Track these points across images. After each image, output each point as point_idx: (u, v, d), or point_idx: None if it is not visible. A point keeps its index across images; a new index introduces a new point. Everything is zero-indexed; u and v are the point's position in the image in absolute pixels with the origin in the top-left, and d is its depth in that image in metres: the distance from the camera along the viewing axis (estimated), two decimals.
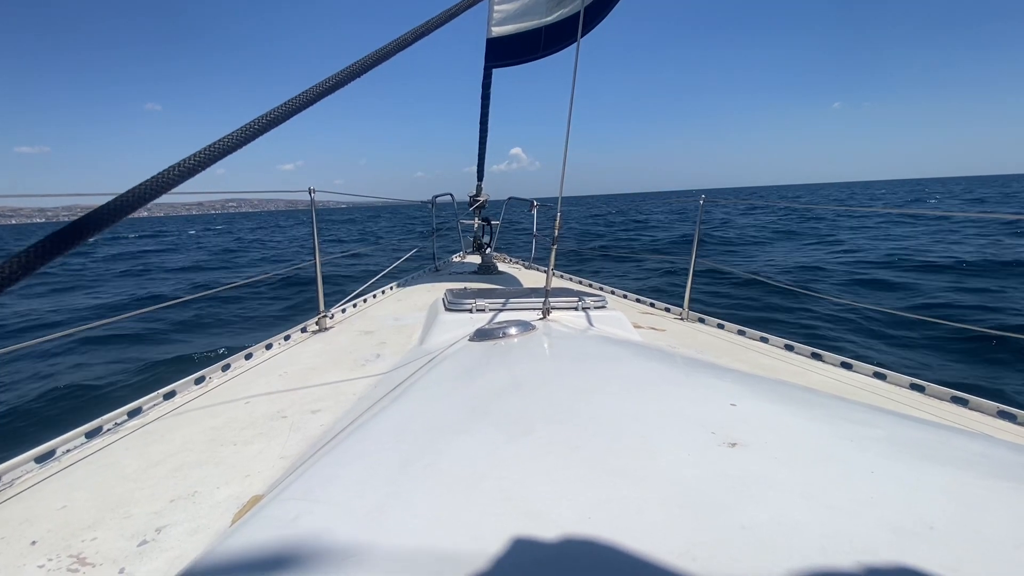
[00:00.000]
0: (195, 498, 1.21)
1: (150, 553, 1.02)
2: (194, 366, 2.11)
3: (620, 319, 2.35)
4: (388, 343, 2.48)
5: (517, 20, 3.94)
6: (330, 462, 1.02)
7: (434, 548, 0.72)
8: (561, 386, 1.34)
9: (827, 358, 2.29)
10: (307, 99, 0.57)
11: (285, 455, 1.40)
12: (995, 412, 1.73)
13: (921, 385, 1.95)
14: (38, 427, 3.75)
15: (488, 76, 4.40)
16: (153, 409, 1.77)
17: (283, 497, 0.90)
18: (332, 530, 0.77)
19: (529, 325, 1.87)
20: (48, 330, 3.81)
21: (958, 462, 0.92)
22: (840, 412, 1.17)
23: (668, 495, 0.81)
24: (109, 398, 4.17)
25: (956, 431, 1.15)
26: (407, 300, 3.53)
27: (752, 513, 0.75)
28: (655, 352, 1.80)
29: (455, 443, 1.03)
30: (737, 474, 0.86)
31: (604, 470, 0.89)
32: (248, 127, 0.50)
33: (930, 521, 0.72)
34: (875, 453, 0.92)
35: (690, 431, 1.01)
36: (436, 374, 1.56)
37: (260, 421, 1.64)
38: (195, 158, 0.45)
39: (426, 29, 0.80)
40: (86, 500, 1.22)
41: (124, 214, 0.40)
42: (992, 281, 7.29)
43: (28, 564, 1.00)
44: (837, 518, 0.74)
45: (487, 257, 4.81)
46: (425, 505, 0.82)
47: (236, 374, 2.13)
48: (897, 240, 12.15)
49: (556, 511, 0.78)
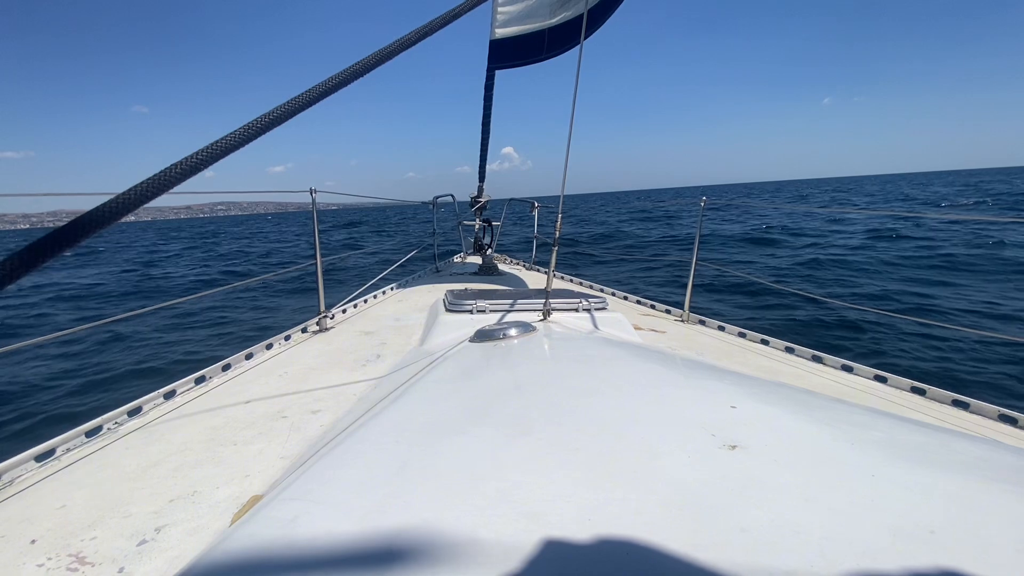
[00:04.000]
0: (195, 498, 1.21)
1: (149, 553, 1.02)
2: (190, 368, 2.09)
3: (620, 320, 2.35)
4: (388, 344, 2.48)
5: (521, 22, 3.94)
6: (330, 462, 1.02)
7: (433, 549, 0.72)
8: (561, 387, 1.33)
9: (828, 360, 2.28)
10: (309, 99, 0.57)
11: (285, 455, 1.40)
12: (996, 416, 1.72)
13: (922, 388, 1.94)
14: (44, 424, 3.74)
15: (491, 78, 4.40)
16: (153, 409, 1.78)
17: (283, 497, 0.89)
18: (331, 530, 0.77)
19: (529, 326, 1.87)
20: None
21: (959, 466, 0.91)
22: (840, 415, 1.16)
23: (668, 497, 0.81)
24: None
25: (957, 434, 1.15)
26: (408, 301, 3.53)
27: (752, 515, 0.75)
28: (655, 354, 1.80)
29: (455, 444, 1.03)
30: (737, 476, 0.85)
31: (604, 472, 0.89)
32: (249, 126, 0.50)
33: (930, 525, 0.72)
34: (875, 456, 0.92)
35: (690, 433, 1.01)
36: (436, 375, 1.56)
37: (260, 421, 1.64)
38: (196, 157, 0.45)
39: (429, 29, 0.80)
40: (86, 499, 1.22)
41: (123, 214, 0.40)
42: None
43: (28, 563, 1.00)
44: (837, 521, 0.73)
45: (488, 258, 4.81)
46: (424, 506, 0.82)
47: (236, 374, 2.13)
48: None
49: (556, 512, 0.78)
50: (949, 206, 24.25)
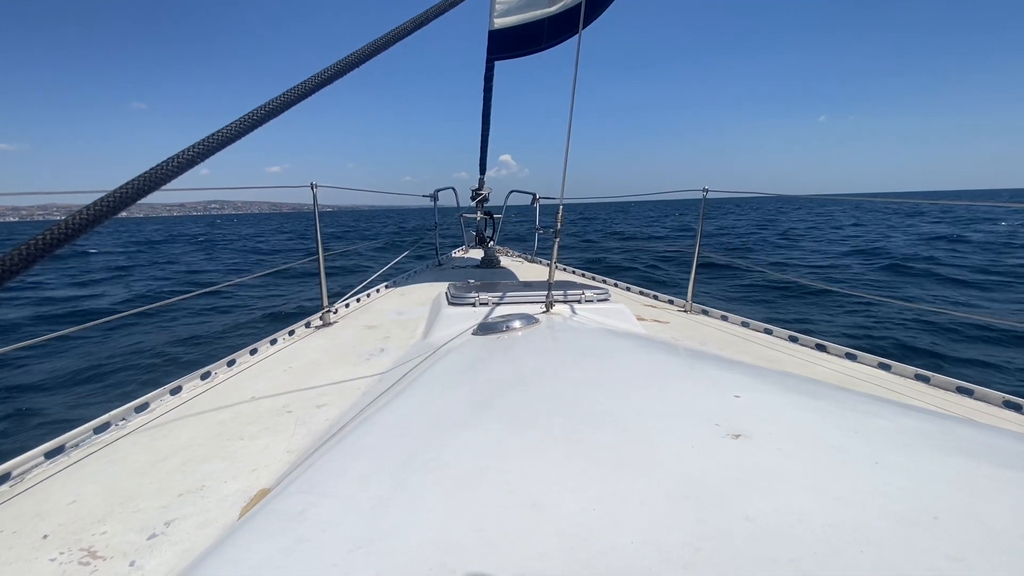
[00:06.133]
0: (203, 492, 1.22)
1: (159, 546, 1.04)
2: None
3: (623, 312, 2.34)
4: (392, 337, 2.49)
5: (520, 11, 3.90)
6: (336, 456, 1.02)
7: (439, 540, 0.72)
8: (565, 379, 1.33)
9: (831, 349, 2.27)
10: (304, 90, 0.56)
11: (291, 449, 1.41)
12: (1001, 402, 1.71)
13: (926, 376, 1.93)
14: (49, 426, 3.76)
15: (490, 69, 4.36)
16: (160, 405, 1.79)
17: (290, 491, 0.90)
18: (338, 523, 0.78)
19: (532, 318, 1.87)
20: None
21: (963, 453, 0.91)
22: (844, 403, 1.16)
23: (672, 487, 0.81)
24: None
25: (961, 421, 1.14)
26: (410, 294, 3.54)
27: (756, 504, 0.75)
28: (658, 344, 1.79)
29: (459, 436, 1.03)
30: (741, 465, 0.85)
31: (608, 462, 0.89)
32: (245, 119, 0.49)
33: (935, 512, 0.71)
34: (879, 444, 0.92)
35: (694, 423, 1.01)
36: (440, 368, 1.56)
37: (266, 416, 1.65)
38: (192, 151, 0.45)
39: (426, 18, 0.79)
40: (96, 494, 1.23)
41: (119, 209, 0.40)
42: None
43: (40, 557, 1.01)
44: (841, 509, 0.73)
45: (490, 251, 4.80)
46: (430, 498, 0.82)
47: (241, 369, 2.14)
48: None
49: (560, 503, 0.78)
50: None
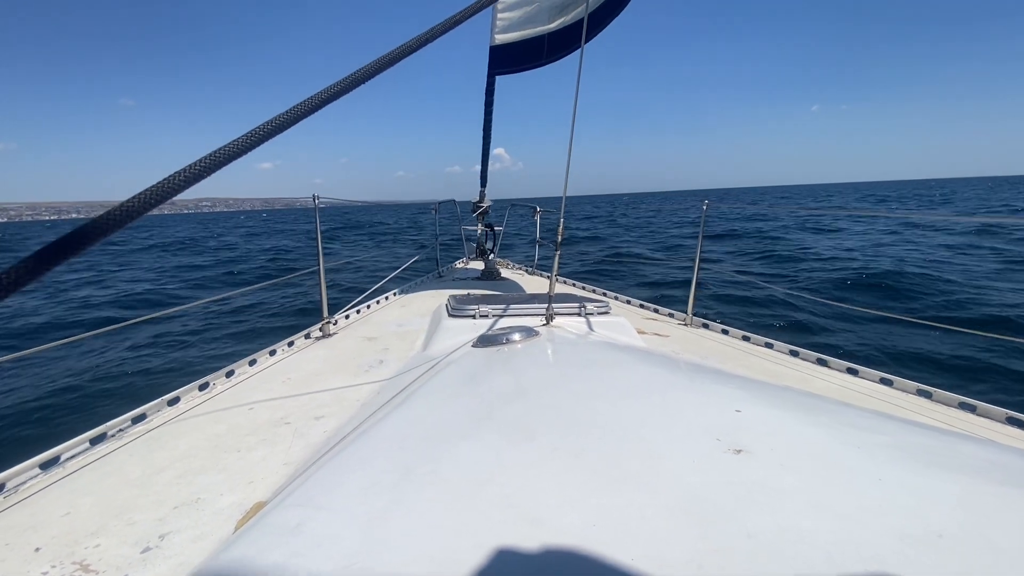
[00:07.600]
0: (198, 505, 1.21)
1: (153, 560, 1.02)
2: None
3: (624, 325, 2.34)
4: (391, 349, 2.48)
5: (520, 28, 3.96)
6: (333, 469, 1.02)
7: (437, 555, 0.71)
8: (565, 392, 1.33)
9: (833, 364, 2.27)
10: (311, 106, 0.57)
11: (288, 461, 1.40)
12: (1004, 418, 1.71)
13: (928, 391, 1.93)
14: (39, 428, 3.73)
15: (491, 84, 4.42)
16: (157, 415, 1.78)
17: (286, 504, 0.89)
18: (335, 537, 0.77)
19: (532, 331, 1.87)
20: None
21: (966, 469, 0.90)
22: (846, 418, 1.16)
23: (673, 502, 0.80)
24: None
25: (964, 437, 1.14)
26: (410, 306, 3.54)
27: (758, 521, 0.74)
28: (659, 358, 1.79)
29: (458, 449, 1.03)
30: (742, 481, 0.85)
31: (608, 477, 0.88)
32: (253, 133, 0.50)
33: (938, 529, 0.71)
34: (882, 460, 0.91)
35: (695, 437, 1.00)
36: (439, 380, 1.55)
37: (264, 427, 1.63)
38: (200, 164, 0.46)
39: (431, 35, 0.80)
40: (90, 506, 1.22)
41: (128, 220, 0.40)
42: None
43: (32, 571, 1.00)
44: (844, 526, 0.73)
45: (490, 263, 4.81)
46: (428, 512, 0.82)
47: (240, 380, 2.13)
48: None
49: (560, 518, 0.78)
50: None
